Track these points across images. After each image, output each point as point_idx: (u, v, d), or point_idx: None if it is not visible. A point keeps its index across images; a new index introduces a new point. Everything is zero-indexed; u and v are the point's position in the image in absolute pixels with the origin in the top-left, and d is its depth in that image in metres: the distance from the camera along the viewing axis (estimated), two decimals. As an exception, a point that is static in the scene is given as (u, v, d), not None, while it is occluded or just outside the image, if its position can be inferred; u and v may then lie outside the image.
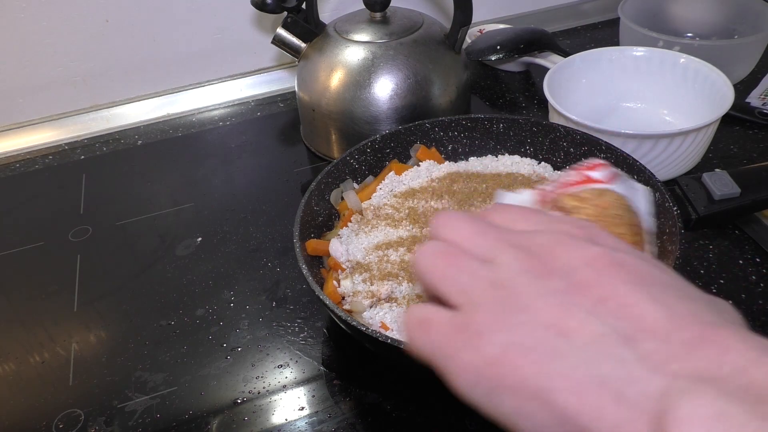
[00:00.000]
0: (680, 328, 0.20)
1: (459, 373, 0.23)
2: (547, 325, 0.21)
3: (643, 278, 0.22)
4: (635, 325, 0.20)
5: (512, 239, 0.25)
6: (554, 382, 0.20)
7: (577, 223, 0.26)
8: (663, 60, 0.73)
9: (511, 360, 0.21)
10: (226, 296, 0.60)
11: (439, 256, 0.25)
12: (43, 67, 0.83)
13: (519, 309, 0.22)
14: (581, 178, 0.35)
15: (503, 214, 0.27)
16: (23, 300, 0.62)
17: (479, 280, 0.24)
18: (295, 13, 0.72)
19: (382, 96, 0.69)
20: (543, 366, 0.20)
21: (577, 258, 0.23)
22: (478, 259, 0.24)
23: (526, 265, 0.23)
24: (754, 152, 0.71)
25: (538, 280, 0.22)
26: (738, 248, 0.59)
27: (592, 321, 0.21)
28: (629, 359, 0.20)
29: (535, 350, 0.21)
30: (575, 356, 0.20)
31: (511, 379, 0.21)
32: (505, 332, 0.22)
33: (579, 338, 0.21)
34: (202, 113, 0.89)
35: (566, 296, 0.22)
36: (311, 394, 0.50)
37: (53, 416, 0.50)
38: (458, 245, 0.25)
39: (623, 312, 0.21)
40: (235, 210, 0.70)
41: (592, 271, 0.22)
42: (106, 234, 0.69)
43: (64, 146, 0.85)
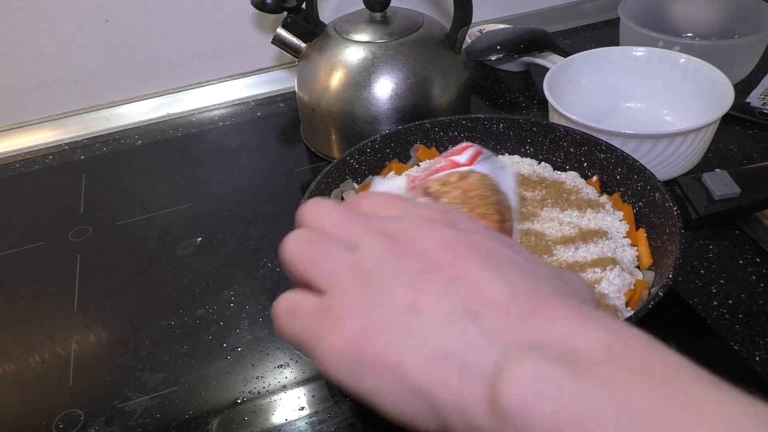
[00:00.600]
0: (519, 301, 0.22)
1: (324, 355, 0.24)
2: (401, 305, 0.23)
3: (493, 258, 0.24)
4: (480, 301, 0.22)
5: (375, 225, 0.26)
6: (405, 357, 0.22)
7: (437, 208, 0.28)
8: (663, 60, 0.73)
9: (369, 340, 0.22)
10: (226, 296, 0.60)
11: (305, 244, 0.26)
12: (43, 67, 0.83)
13: (377, 291, 0.23)
14: (447, 163, 0.36)
15: (370, 201, 0.28)
16: (23, 300, 0.62)
17: (343, 266, 0.25)
18: (295, 13, 0.72)
19: (382, 96, 0.69)
20: (396, 343, 0.22)
21: (433, 241, 0.24)
22: (343, 246, 0.26)
23: (386, 250, 0.24)
24: (754, 152, 0.71)
25: (397, 263, 0.24)
26: (738, 248, 0.59)
27: (442, 299, 0.22)
28: (472, 332, 0.21)
29: (390, 329, 0.22)
30: (425, 332, 0.22)
31: (369, 358, 0.22)
32: (364, 314, 0.23)
33: (429, 316, 0.22)
34: (202, 113, 0.89)
35: (421, 277, 0.23)
36: (311, 394, 0.50)
37: (53, 416, 0.50)
38: (324, 232, 0.26)
39: (471, 289, 0.22)
40: (235, 210, 0.70)
41: (447, 252, 0.24)
42: (106, 234, 0.69)
43: (64, 146, 0.85)
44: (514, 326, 0.21)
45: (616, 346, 0.20)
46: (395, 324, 0.22)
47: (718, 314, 0.53)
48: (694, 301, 0.54)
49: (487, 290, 0.22)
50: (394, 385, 0.22)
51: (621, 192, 0.58)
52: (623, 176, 0.57)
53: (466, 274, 0.23)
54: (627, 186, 0.57)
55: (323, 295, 0.25)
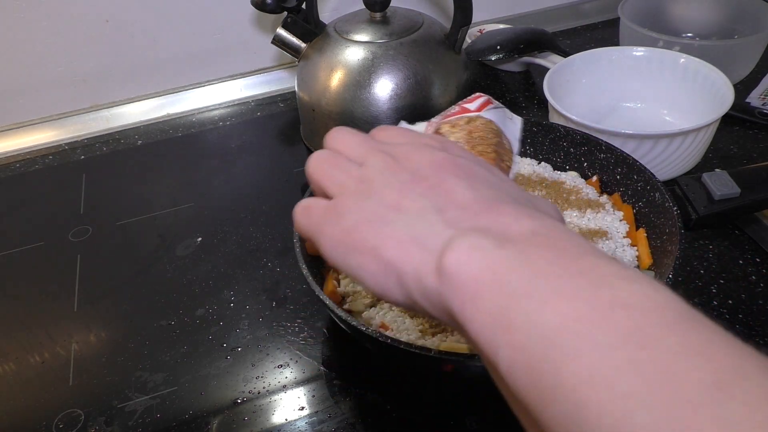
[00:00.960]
0: (479, 204, 0.27)
1: (325, 241, 0.30)
2: (388, 204, 0.28)
3: (471, 174, 0.29)
4: (449, 202, 0.27)
5: (382, 148, 0.32)
6: (384, 241, 0.27)
7: (438, 139, 0.33)
8: (663, 60, 0.73)
9: (359, 229, 0.28)
10: (226, 296, 0.60)
11: (324, 160, 0.33)
12: (43, 67, 0.83)
13: (372, 194, 0.29)
14: (459, 109, 0.42)
15: (385, 132, 0.35)
16: (23, 300, 0.62)
17: (350, 177, 0.31)
18: (295, 13, 0.72)
19: (382, 96, 0.69)
20: (378, 231, 0.28)
21: (424, 159, 0.30)
22: (354, 163, 0.32)
23: (386, 165, 0.30)
24: (754, 152, 0.71)
25: (392, 175, 0.30)
26: (738, 248, 0.59)
27: (419, 200, 0.28)
28: (436, 222, 0.27)
29: (376, 221, 0.28)
30: (402, 223, 0.27)
31: (358, 242, 0.28)
32: (358, 211, 0.29)
33: (407, 211, 0.28)
34: (202, 113, 0.89)
35: (408, 185, 0.29)
36: (311, 394, 0.50)
37: (53, 416, 0.50)
38: (341, 152, 0.33)
39: (444, 194, 0.28)
40: (235, 210, 0.70)
41: (433, 168, 0.29)
42: (106, 234, 0.69)
43: (64, 146, 0.85)
44: (469, 218, 0.26)
45: (540, 231, 0.25)
46: (380, 218, 0.28)
47: (718, 314, 0.53)
48: (694, 301, 0.54)
49: (456, 195, 0.28)
50: (372, 264, 0.28)
51: (621, 192, 0.58)
52: (623, 176, 0.57)
53: (443, 183, 0.28)
54: (627, 186, 0.57)
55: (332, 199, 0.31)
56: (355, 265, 0.28)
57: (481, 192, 0.28)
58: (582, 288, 0.21)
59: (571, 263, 0.23)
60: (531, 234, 0.24)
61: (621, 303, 0.21)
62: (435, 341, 0.47)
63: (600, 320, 0.20)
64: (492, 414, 0.47)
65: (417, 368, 0.49)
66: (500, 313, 0.22)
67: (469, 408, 0.48)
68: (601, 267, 0.22)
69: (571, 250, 0.24)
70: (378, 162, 0.31)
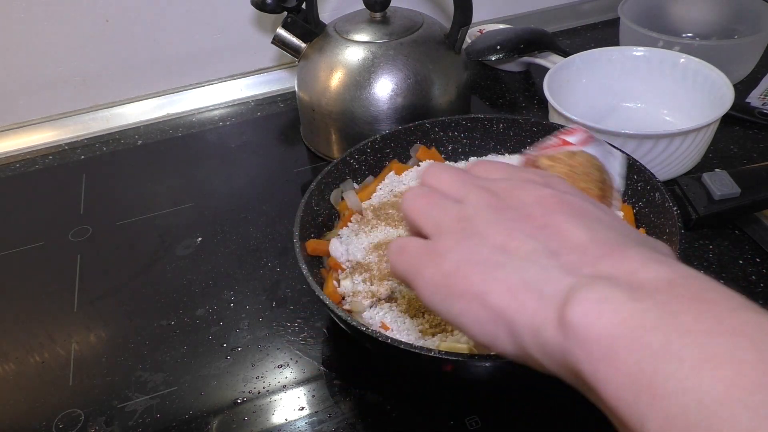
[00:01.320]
0: (596, 245, 0.25)
1: (424, 285, 0.28)
2: (493, 245, 0.26)
3: (582, 213, 0.27)
4: (562, 244, 0.25)
5: (482, 183, 0.30)
6: (491, 286, 0.25)
7: (540, 174, 0.31)
8: (663, 60, 0.73)
9: (462, 272, 0.26)
10: (226, 296, 0.60)
11: (420, 197, 0.31)
12: (43, 67, 0.83)
13: (474, 234, 0.27)
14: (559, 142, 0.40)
15: (482, 166, 0.33)
16: (23, 300, 0.62)
17: (449, 215, 0.29)
18: (295, 13, 0.72)
19: (382, 96, 0.69)
20: (485, 275, 0.26)
21: (530, 197, 0.28)
22: (452, 200, 0.30)
23: (488, 203, 0.28)
24: (754, 152, 0.71)
25: (495, 213, 0.28)
26: (738, 248, 0.59)
27: (529, 241, 0.26)
28: (551, 267, 0.25)
29: (481, 264, 0.26)
30: (511, 267, 0.25)
31: (461, 287, 0.26)
32: (461, 252, 0.27)
33: (516, 254, 0.26)
34: (202, 113, 0.89)
35: (514, 224, 0.27)
36: (311, 394, 0.50)
37: (53, 416, 0.50)
38: (438, 189, 0.31)
39: (556, 235, 0.26)
40: (235, 210, 0.70)
41: (540, 206, 0.27)
42: (106, 234, 0.69)
43: (64, 146, 0.85)
44: (589, 263, 0.24)
45: (676, 280, 0.22)
46: (486, 260, 0.26)
47: (718, 314, 0.53)
48: (694, 301, 0.54)
49: (569, 236, 0.25)
50: (479, 311, 0.26)
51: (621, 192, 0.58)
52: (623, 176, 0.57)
53: (553, 223, 0.26)
54: (627, 186, 0.57)
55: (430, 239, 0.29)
56: (457, 311, 0.26)
57: (598, 233, 0.25)
58: (743, 348, 0.19)
59: (722, 319, 0.20)
60: (666, 283, 0.22)
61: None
62: (435, 341, 0.47)
63: (763, 388, 0.18)
64: (492, 414, 0.47)
65: (417, 368, 0.49)
66: (644, 377, 0.20)
67: (469, 408, 0.48)
68: (756, 323, 0.20)
69: (720, 303, 0.21)
70: (479, 199, 0.29)
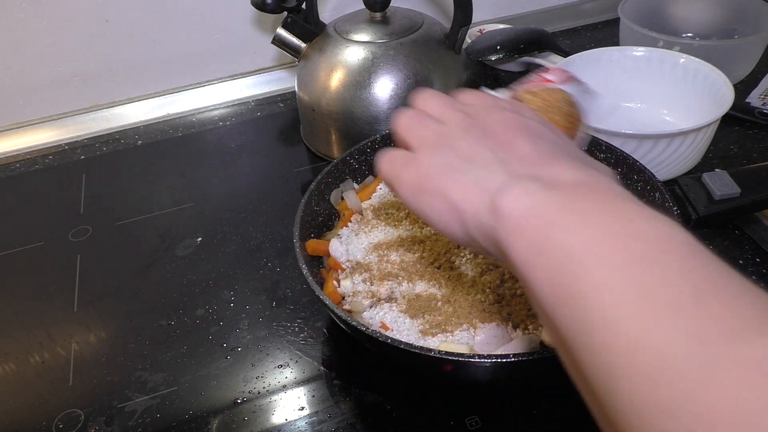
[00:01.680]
0: (538, 156, 0.31)
1: (402, 184, 0.35)
2: (460, 155, 0.33)
3: (536, 134, 0.33)
4: (512, 155, 0.32)
5: (462, 108, 0.36)
6: (453, 185, 0.32)
7: (513, 103, 0.38)
8: (663, 60, 0.73)
9: (432, 175, 0.33)
10: (226, 296, 0.60)
11: (410, 118, 0.37)
12: (43, 67, 0.83)
13: (447, 146, 0.34)
14: (541, 79, 0.45)
15: (466, 95, 0.39)
16: (23, 300, 0.62)
17: (430, 131, 0.35)
18: (295, 13, 0.72)
19: (382, 96, 0.69)
20: (449, 177, 0.32)
21: (496, 119, 0.34)
22: (435, 120, 0.36)
23: (463, 122, 0.35)
24: (754, 152, 0.71)
25: (466, 131, 0.34)
26: (738, 248, 0.59)
27: (487, 153, 0.32)
28: (498, 171, 0.31)
29: (449, 169, 0.33)
30: (470, 172, 0.32)
31: (430, 185, 0.33)
32: (434, 160, 0.34)
33: (476, 162, 0.32)
34: (202, 113, 0.89)
35: (480, 140, 0.33)
36: (311, 394, 0.50)
37: (53, 416, 0.50)
38: (425, 112, 0.37)
39: (509, 149, 0.32)
40: (235, 210, 0.70)
41: (503, 126, 0.34)
42: (106, 234, 0.69)
43: (64, 146, 0.85)
44: (526, 168, 0.31)
45: (585, 180, 0.29)
46: (452, 166, 0.33)
47: (718, 314, 0.53)
48: (694, 301, 0.54)
49: (519, 149, 0.32)
50: (441, 204, 0.32)
51: (621, 192, 0.58)
52: (623, 176, 0.57)
53: (509, 140, 0.33)
54: (627, 186, 0.57)
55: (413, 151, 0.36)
56: (424, 204, 0.33)
57: (542, 147, 0.32)
58: (606, 222, 0.26)
59: (603, 204, 0.27)
60: (576, 182, 0.29)
61: (636, 234, 0.25)
62: (435, 341, 0.47)
63: (615, 245, 0.24)
64: (492, 414, 0.47)
65: (417, 368, 0.49)
66: (536, 241, 0.27)
67: (469, 408, 0.48)
68: (628, 209, 0.26)
69: (608, 195, 0.28)
70: (456, 120, 0.35)
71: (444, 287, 0.50)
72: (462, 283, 0.50)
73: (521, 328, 0.47)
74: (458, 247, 0.53)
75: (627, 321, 0.22)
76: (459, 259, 0.52)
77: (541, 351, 0.44)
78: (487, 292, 0.49)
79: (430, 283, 0.51)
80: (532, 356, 0.41)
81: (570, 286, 0.24)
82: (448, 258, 0.53)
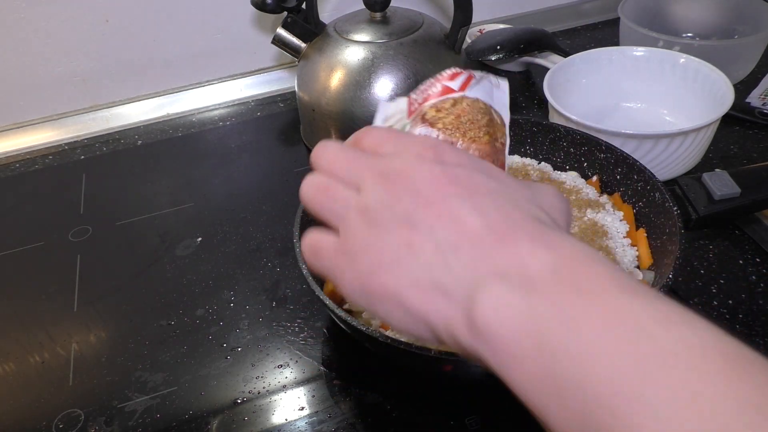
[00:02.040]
0: (490, 233, 0.26)
1: (346, 287, 0.29)
2: (398, 242, 0.27)
3: (472, 190, 0.28)
4: (460, 235, 0.26)
5: (375, 165, 0.30)
6: (404, 288, 0.27)
7: (429, 143, 0.31)
8: (663, 60, 0.73)
9: (375, 275, 0.27)
10: (226, 296, 0.60)
11: (318, 189, 0.31)
12: (43, 67, 0.83)
13: (379, 230, 0.28)
14: (441, 88, 0.39)
15: (371, 138, 0.32)
16: (23, 300, 0.62)
17: (350, 207, 0.29)
18: (295, 13, 0.72)
19: (382, 96, 0.69)
20: (397, 276, 0.27)
21: (423, 179, 0.28)
22: (350, 188, 0.30)
23: (385, 190, 0.28)
24: (754, 152, 0.71)
25: (393, 201, 0.28)
26: (738, 248, 0.59)
27: (430, 235, 0.27)
28: (455, 265, 0.26)
29: (392, 264, 0.27)
30: (418, 266, 0.26)
31: (377, 289, 0.27)
32: (370, 251, 0.28)
33: (421, 251, 0.27)
34: (202, 113, 0.89)
35: (414, 215, 0.27)
36: (311, 394, 0.50)
37: (53, 416, 0.50)
38: (333, 175, 0.31)
39: (453, 224, 0.27)
40: (235, 210, 0.70)
41: (433, 187, 0.28)
42: (106, 234, 0.69)
43: (64, 146, 0.85)
44: (485, 257, 0.26)
45: (560, 267, 0.24)
46: (394, 260, 0.27)
47: (718, 314, 0.53)
48: (694, 301, 0.54)
49: (465, 223, 0.26)
50: (398, 311, 0.27)
51: (621, 192, 0.58)
52: (623, 176, 0.57)
53: (448, 209, 0.27)
54: (627, 186, 0.57)
55: (338, 233, 0.30)
56: (382, 312, 0.28)
57: (489, 215, 0.27)
58: (623, 340, 0.22)
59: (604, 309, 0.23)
60: (552, 274, 0.24)
61: (664, 354, 0.21)
62: (435, 341, 0.47)
63: (645, 378, 0.21)
64: (492, 414, 0.47)
65: (417, 368, 0.49)
66: (546, 376, 0.23)
67: (469, 408, 0.48)
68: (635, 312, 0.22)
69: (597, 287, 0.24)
70: (374, 185, 0.29)
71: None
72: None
73: (521, 328, 0.47)
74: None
75: None
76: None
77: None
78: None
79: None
80: (532, 356, 0.41)
81: (601, 421, 0.21)
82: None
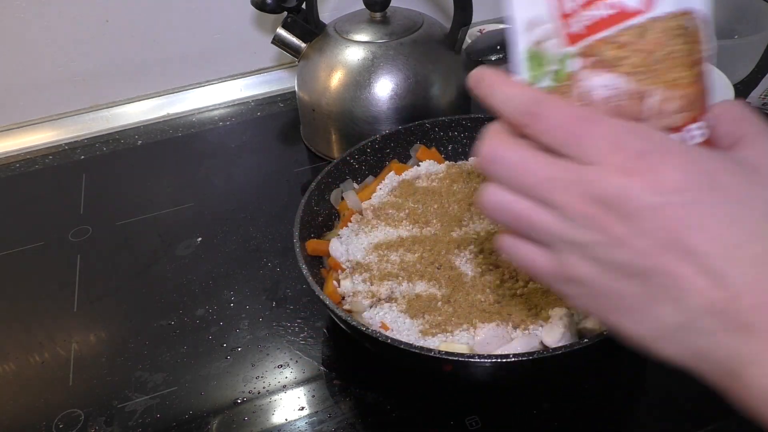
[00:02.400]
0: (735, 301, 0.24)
1: (565, 295, 0.28)
2: (614, 267, 0.26)
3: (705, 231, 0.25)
4: (705, 303, 0.24)
5: (570, 187, 0.26)
6: (670, 353, 0.26)
7: (630, 147, 0.26)
8: (663, 60, 0.73)
9: (596, 305, 0.27)
10: (226, 296, 0.60)
11: (509, 214, 0.28)
12: (43, 67, 0.83)
13: (607, 276, 0.26)
14: (614, 10, 0.27)
15: (552, 125, 0.26)
16: (23, 300, 0.62)
17: (555, 238, 0.27)
18: (295, 13, 0.72)
19: (382, 96, 0.69)
20: (623, 315, 0.27)
21: (643, 219, 0.25)
22: (543, 206, 0.27)
23: (597, 230, 0.26)
24: (754, 152, 0.71)
25: (613, 249, 0.25)
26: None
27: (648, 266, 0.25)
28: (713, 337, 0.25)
29: (615, 299, 0.26)
30: (646, 305, 0.26)
31: (601, 314, 0.28)
32: (587, 278, 0.27)
33: (644, 281, 0.25)
34: (202, 113, 0.89)
35: (624, 240, 0.25)
36: (311, 394, 0.50)
37: (53, 416, 0.50)
38: (520, 190, 0.27)
39: (696, 293, 0.25)
40: (235, 210, 0.70)
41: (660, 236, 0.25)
42: (106, 234, 0.69)
43: (64, 146, 0.85)
44: (734, 319, 0.24)
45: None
46: (619, 295, 0.26)
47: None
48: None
49: (704, 292, 0.24)
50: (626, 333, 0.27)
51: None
52: (623, 176, 0.57)
53: (671, 272, 0.25)
54: (627, 186, 0.57)
55: (549, 252, 0.28)
56: (604, 320, 0.28)
57: (730, 277, 0.24)
58: None
59: None
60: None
61: None
62: (435, 341, 0.47)
63: None
64: (492, 414, 0.47)
65: (417, 368, 0.49)
66: None
67: (469, 408, 0.48)
68: None
69: None
70: (584, 221, 0.26)
71: (444, 287, 0.50)
72: (462, 283, 0.50)
73: (521, 328, 0.47)
74: (458, 247, 0.53)
75: None
76: (459, 259, 0.52)
77: (541, 351, 0.44)
78: (487, 292, 0.49)
79: (430, 283, 0.51)
80: (532, 356, 0.41)
81: None
82: (448, 258, 0.52)
